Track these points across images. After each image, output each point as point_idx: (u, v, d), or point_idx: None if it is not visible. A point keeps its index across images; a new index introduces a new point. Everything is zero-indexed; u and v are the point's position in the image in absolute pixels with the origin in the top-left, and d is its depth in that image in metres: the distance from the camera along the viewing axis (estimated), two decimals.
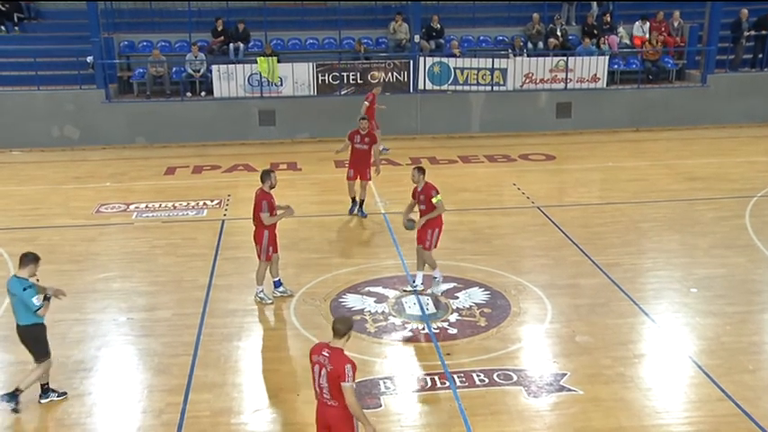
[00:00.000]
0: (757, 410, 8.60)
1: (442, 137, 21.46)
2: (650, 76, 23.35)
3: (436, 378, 9.35)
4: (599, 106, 22.31)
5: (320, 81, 21.64)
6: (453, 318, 10.87)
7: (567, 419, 8.58)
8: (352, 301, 11.42)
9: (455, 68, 21.91)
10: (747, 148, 20.36)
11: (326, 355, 6.66)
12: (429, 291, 11.60)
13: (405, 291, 11.59)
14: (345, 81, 21.74)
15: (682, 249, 13.41)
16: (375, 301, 11.36)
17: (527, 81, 21.98)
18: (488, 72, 22.02)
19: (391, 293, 11.61)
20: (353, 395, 6.60)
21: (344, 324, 6.83)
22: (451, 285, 11.84)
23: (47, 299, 8.42)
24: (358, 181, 15.16)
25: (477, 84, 22.02)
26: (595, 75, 22.33)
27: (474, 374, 9.37)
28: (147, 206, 15.96)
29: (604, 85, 22.48)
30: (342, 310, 11.12)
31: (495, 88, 21.85)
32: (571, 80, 22.18)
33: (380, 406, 8.78)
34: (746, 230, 14.13)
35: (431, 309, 11.16)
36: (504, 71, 21.94)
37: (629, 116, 22.40)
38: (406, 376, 9.44)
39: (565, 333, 10.52)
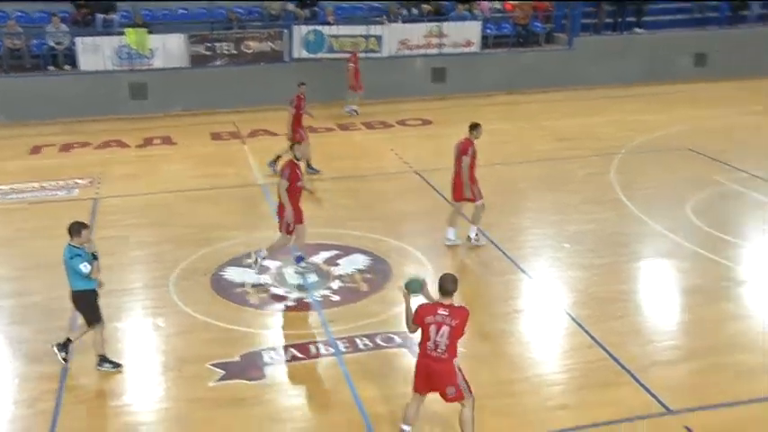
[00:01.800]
0: (624, 353, 9.07)
1: (319, 105, 21.32)
2: (521, 40, 23.96)
3: (320, 345, 9.38)
4: (473, 70, 22.72)
5: (193, 52, 21.07)
6: (335, 285, 10.91)
7: None
8: (234, 274, 11.27)
9: (330, 36, 21.79)
10: (613, 107, 21.24)
11: (445, 313, 7.08)
12: (311, 260, 11.59)
13: (304, 267, 11.33)
14: (219, 52, 21.24)
15: (555, 207, 13.89)
16: (257, 273, 11.24)
17: (402, 47, 22.10)
18: (363, 39, 22.01)
19: (273, 264, 11.52)
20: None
21: (454, 283, 7.25)
22: (333, 253, 11.86)
23: (95, 258, 8.60)
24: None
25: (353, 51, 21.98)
26: (469, 40, 22.71)
27: (357, 339, 9.46)
28: (11, 188, 15.17)
29: (478, 50, 22.90)
30: (223, 283, 10.96)
31: (371, 55, 21.86)
32: (445, 45, 22.45)
33: (265, 377, 8.74)
34: (612, 186, 14.78)
35: (313, 277, 11.15)
36: (379, 38, 21.99)
37: (503, 79, 22.94)
38: (290, 346, 9.42)
39: None
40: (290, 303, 10.47)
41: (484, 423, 7.81)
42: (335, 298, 10.54)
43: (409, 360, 9.01)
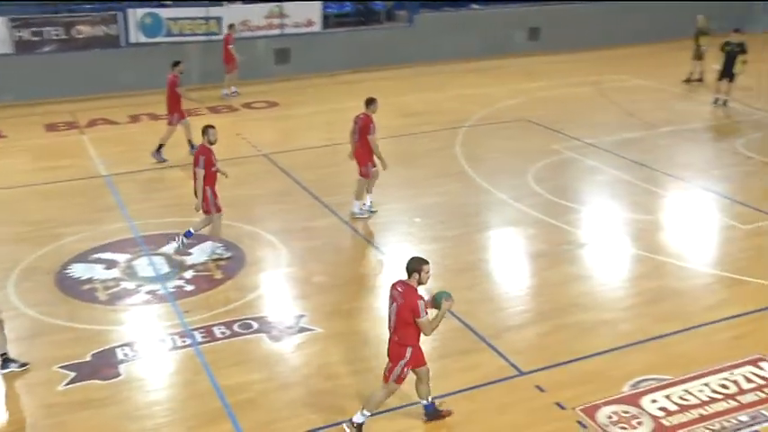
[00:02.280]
0: (476, 322, 9.41)
1: (160, 92, 20.60)
2: (362, 18, 24.10)
3: (176, 337, 9.16)
4: (317, 50, 22.67)
5: (17, 38, 19.80)
6: (189, 274, 10.66)
7: (309, 358, 8.82)
8: (80, 270, 10.78)
9: (167, 19, 21.08)
10: (455, 82, 21.81)
11: (399, 290, 7.08)
12: (162, 250, 11.25)
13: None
14: (47, 37, 20.08)
15: (405, 182, 14.13)
16: (104, 268, 10.81)
17: (243, 28, 21.70)
18: (203, 21, 21.45)
19: (121, 258, 11.11)
20: (428, 325, 7.08)
21: (414, 263, 7.15)
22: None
23: None
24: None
25: (193, 34, 21.40)
26: (310, 19, 22.61)
27: (215, 328, 9.30)
28: None
29: (320, 29, 22.85)
30: (69, 281, 10.46)
31: (212, 38, 21.35)
32: (287, 26, 22.26)
33: (120, 375, 8.44)
34: (458, 159, 15.23)
35: (164, 268, 10.84)
36: (219, 20, 21.48)
37: (346, 58, 23.02)
38: (145, 340, 9.14)
39: (301, 276, 10.74)
40: (142, 297, 10.13)
41: (346, 401, 7.90)
42: (189, 288, 10.30)
43: (268, 345, 8.98)
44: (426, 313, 7.09)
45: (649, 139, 16.43)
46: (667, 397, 7.97)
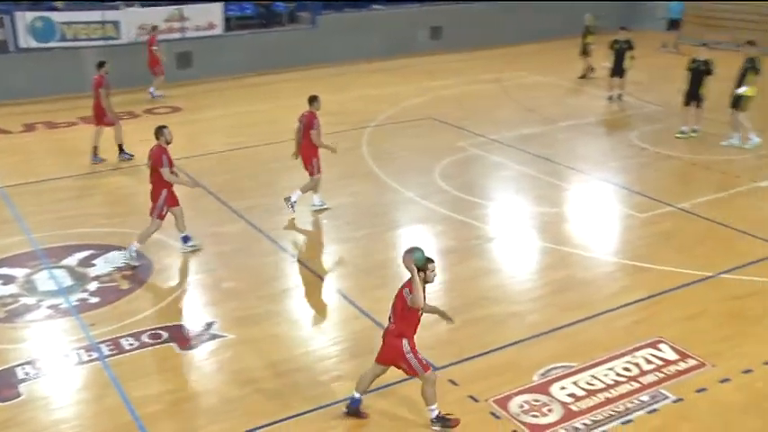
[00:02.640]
0: (387, 320, 9.42)
1: (52, 98, 19.95)
2: (264, 21, 23.91)
3: (82, 352, 8.86)
4: (219, 53, 22.36)
5: None
6: (93, 286, 10.34)
7: (222, 365, 8.69)
8: None
9: (60, 23, 20.38)
10: (359, 82, 21.89)
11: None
12: (64, 262, 10.88)
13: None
14: None
15: None
16: (1, 284, 10.37)
17: (142, 33, 21.18)
18: (99, 26, 20.85)
19: (20, 273, 10.68)
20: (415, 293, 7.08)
21: (411, 251, 7.21)
22: (87, 253, 11.23)
23: None
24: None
25: (89, 39, 20.76)
26: (211, 22, 22.28)
27: (122, 340, 9.04)
28: None
29: (222, 32, 22.54)
30: None
31: (110, 42, 20.76)
32: (188, 29, 21.86)
33: (20, 396, 8.10)
34: (365, 159, 15.28)
35: (67, 281, 10.48)
36: (116, 23, 20.93)
37: (250, 61, 22.80)
38: (48, 357, 8.81)
39: (211, 282, 10.57)
40: (44, 312, 9.76)
41: (263, 406, 7.82)
42: (94, 300, 9.99)
43: (178, 354, 8.80)
44: (418, 293, 7.14)
45: (550, 134, 16.87)
46: (575, 383, 8.20)
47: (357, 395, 7.71)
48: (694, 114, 16.25)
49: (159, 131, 10.92)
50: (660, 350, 8.78)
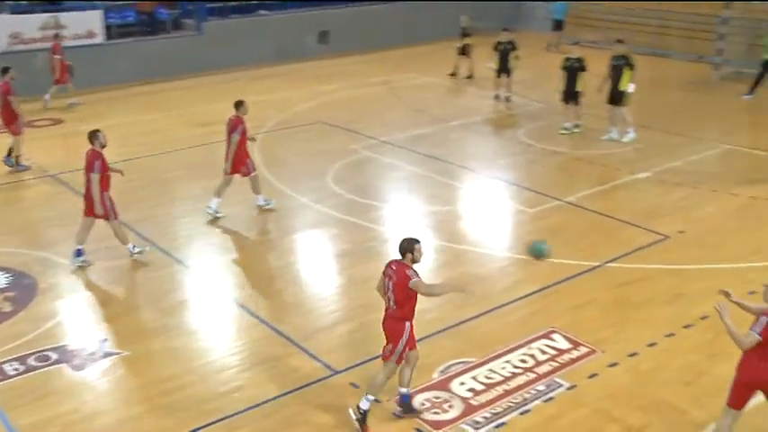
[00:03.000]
0: (287, 326, 9.42)
1: None
2: (148, 29, 23.33)
3: None
4: (102, 63, 21.66)
5: None
6: None
7: (117, 383, 8.43)
8: None
9: None
10: (249, 88, 21.56)
11: (393, 269, 7.33)
12: None
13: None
14: None
15: (205, 193, 13.77)
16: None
17: (15, 41, 20.28)
18: None
19: None
20: (423, 285, 7.25)
21: (405, 242, 7.38)
22: None
23: None
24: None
25: None
26: (91, 30, 21.57)
27: (5, 365, 8.61)
28: None
29: (103, 41, 21.85)
30: None
31: None
32: (66, 38, 21.07)
33: None
34: (257, 166, 15.07)
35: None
36: None
37: (135, 70, 22.19)
38: None
39: (102, 298, 10.24)
40: None
41: (162, 421, 7.62)
42: None
43: (70, 375, 8.47)
44: (419, 276, 7.28)
45: (440, 134, 17.15)
46: (474, 378, 8.37)
47: (404, 390, 7.72)
48: (574, 111, 16.86)
49: (93, 135, 10.76)
50: (553, 340, 9.06)
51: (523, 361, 8.66)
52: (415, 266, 7.45)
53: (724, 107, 19.32)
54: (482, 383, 8.27)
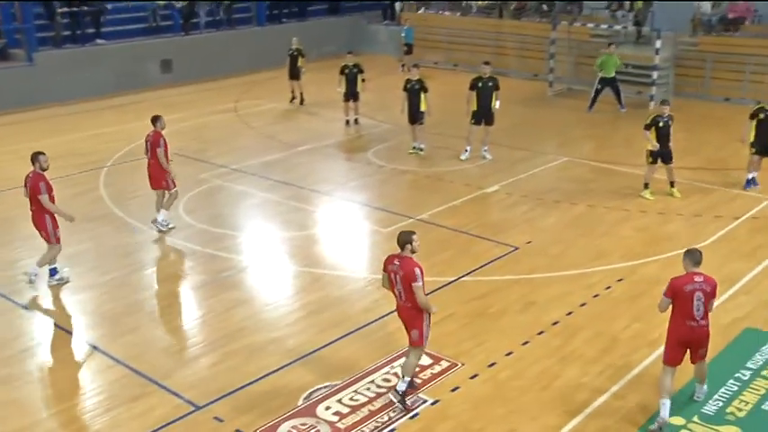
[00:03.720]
0: (144, 365, 9.11)
1: None
2: None
3: None
4: None
5: None
6: None
7: None
8: None
9: None
10: (90, 121, 20.83)
11: (397, 264, 7.91)
12: None
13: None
14: None
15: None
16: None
17: None
18: None
19: None
20: (422, 291, 7.84)
21: (404, 236, 8.04)
22: None
23: None
24: None
25: None
26: None
27: None
28: None
29: None
30: None
31: None
32: None
33: None
34: (104, 201, 14.57)
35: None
36: None
37: None
38: None
39: None
40: None
41: None
42: None
43: None
44: (423, 281, 7.85)
45: (290, 159, 17.16)
46: (339, 401, 8.39)
47: (408, 379, 8.23)
48: (419, 131, 17.29)
49: (35, 158, 10.83)
50: None
51: (387, 380, 8.77)
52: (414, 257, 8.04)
53: (560, 122, 20.44)
54: (347, 406, 8.31)
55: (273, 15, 29.38)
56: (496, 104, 16.48)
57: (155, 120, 12.96)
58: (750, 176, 14.91)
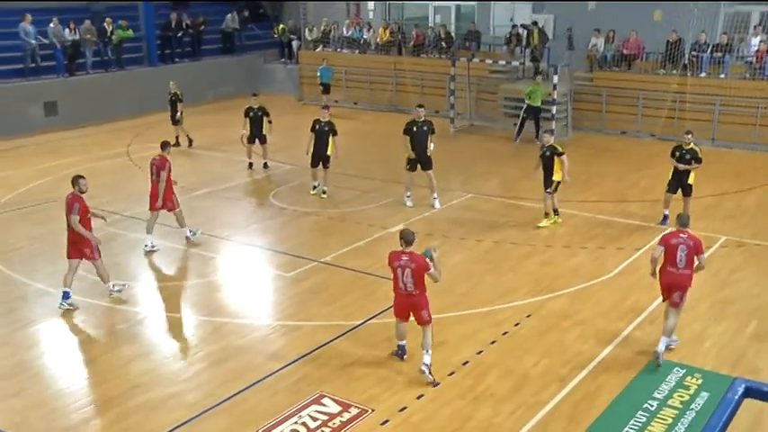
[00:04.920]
0: (29, 429, 8.68)
1: None
2: None
3: None
4: None
5: None
6: None
7: None
8: None
9: None
10: None
11: (407, 258, 9.56)
12: None
13: None
14: None
15: None
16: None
17: None
18: None
19: None
20: (436, 273, 9.74)
21: (412, 234, 9.72)
22: None
23: None
24: None
25: None
26: None
27: None
28: None
29: None
30: None
31: None
32: None
33: None
34: None
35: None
36: None
37: None
38: None
39: None
40: None
41: None
42: None
43: None
44: (433, 267, 9.62)
45: (188, 203, 16.84)
46: None
47: (402, 343, 10.22)
48: (326, 173, 17.29)
49: (75, 181, 11.88)
50: (324, 404, 9.15)
51: (295, 431, 8.64)
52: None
53: (464, 158, 20.86)
54: None
55: (166, 55, 29.06)
56: (431, 147, 16.28)
57: (163, 146, 14.32)
58: (666, 212, 15.24)
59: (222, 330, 11.14)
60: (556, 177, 14.95)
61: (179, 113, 21.97)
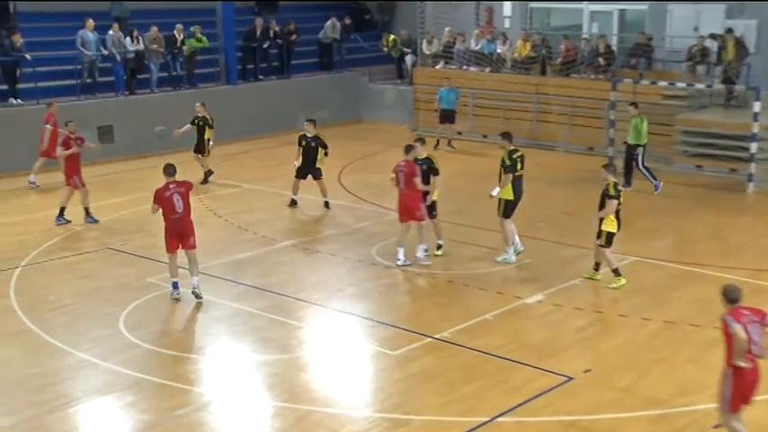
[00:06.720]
0: None
1: None
2: None
3: None
4: None
5: None
6: None
7: None
8: None
9: None
10: None
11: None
12: None
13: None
14: None
15: None
16: None
17: None
18: None
19: None
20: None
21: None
22: None
23: None
24: None
25: None
26: None
27: None
28: None
29: None
30: None
31: None
32: None
33: None
34: (15, 313, 14.45)
35: None
36: None
37: None
38: None
39: None
40: None
41: None
42: None
43: None
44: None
45: (269, 257, 17.14)
46: None
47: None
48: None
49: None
50: None
51: None
52: None
53: (625, 209, 20.45)
54: None
55: (248, 71, 29.80)
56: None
57: (408, 149, 16.44)
58: None
59: (307, 422, 11.16)
60: (606, 227, 15.26)
61: (207, 142, 22.54)
